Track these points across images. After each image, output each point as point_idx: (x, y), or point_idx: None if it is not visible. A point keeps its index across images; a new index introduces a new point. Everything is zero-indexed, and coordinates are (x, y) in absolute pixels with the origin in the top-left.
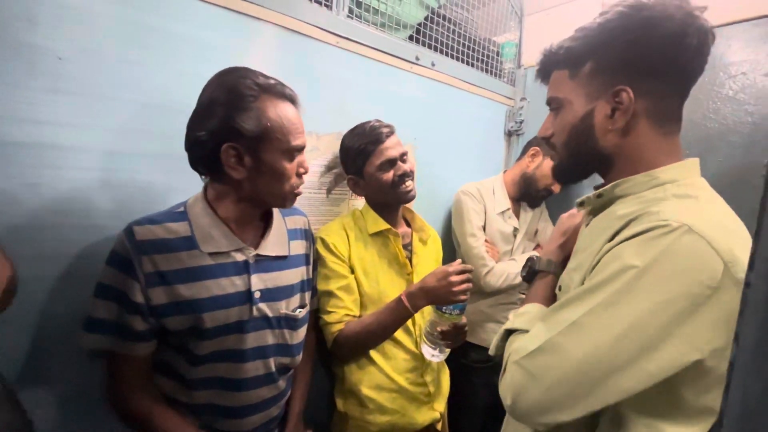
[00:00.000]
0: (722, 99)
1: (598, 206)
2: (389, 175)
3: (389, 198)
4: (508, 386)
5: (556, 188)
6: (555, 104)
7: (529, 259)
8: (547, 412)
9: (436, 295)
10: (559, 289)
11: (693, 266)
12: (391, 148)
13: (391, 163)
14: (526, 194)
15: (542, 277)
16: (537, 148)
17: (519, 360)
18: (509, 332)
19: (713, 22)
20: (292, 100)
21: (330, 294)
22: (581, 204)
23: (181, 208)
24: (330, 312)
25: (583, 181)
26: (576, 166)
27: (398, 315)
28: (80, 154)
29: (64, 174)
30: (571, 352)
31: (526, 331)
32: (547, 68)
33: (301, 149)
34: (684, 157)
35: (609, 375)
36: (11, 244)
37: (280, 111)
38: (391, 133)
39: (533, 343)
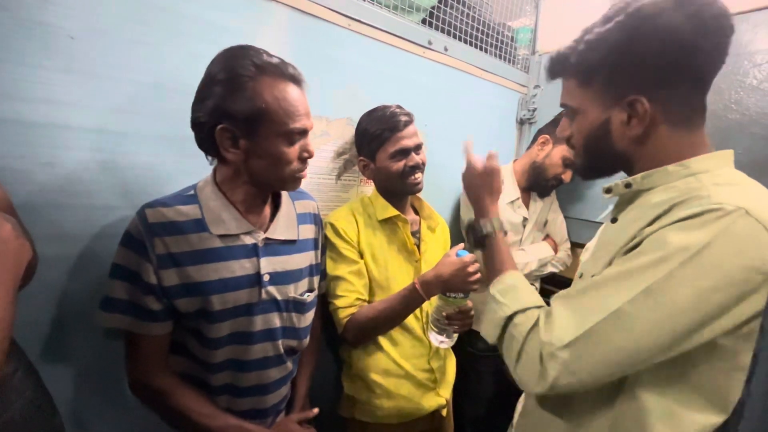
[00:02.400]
0: (746, 89)
1: (625, 198)
2: (400, 165)
3: (396, 187)
4: (540, 376)
5: (567, 177)
6: (571, 113)
7: (474, 225)
8: (580, 389)
9: (453, 284)
10: (580, 276)
11: (747, 251)
12: (407, 137)
13: (405, 152)
14: (536, 184)
15: (496, 238)
16: (547, 135)
17: (555, 351)
18: (511, 317)
19: (739, 8)
20: (294, 80)
21: (340, 279)
22: (608, 191)
23: (191, 191)
24: (340, 296)
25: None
26: (598, 166)
27: (411, 301)
28: (92, 135)
29: (77, 155)
30: (615, 342)
31: (531, 309)
32: (555, 75)
33: (302, 132)
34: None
35: (646, 355)
36: (28, 223)
37: (277, 92)
38: (410, 122)
39: (568, 332)
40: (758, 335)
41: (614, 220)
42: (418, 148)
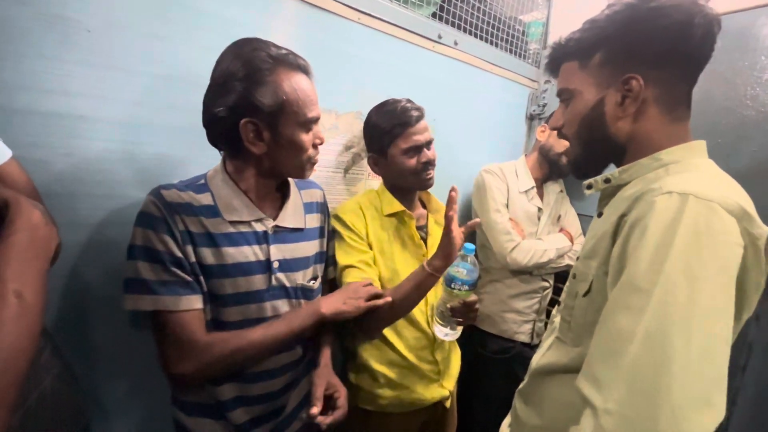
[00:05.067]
0: (762, 84)
1: (606, 192)
2: (413, 162)
3: (409, 183)
4: None
5: None
6: (565, 95)
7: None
8: None
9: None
10: (574, 277)
11: (716, 232)
12: (419, 133)
13: (418, 149)
14: (552, 165)
15: None
16: (544, 125)
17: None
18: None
19: (757, 1)
20: (305, 70)
21: (352, 267)
22: (589, 187)
23: (202, 181)
24: None
25: (587, 179)
26: (590, 156)
27: (421, 282)
28: (108, 126)
29: (94, 145)
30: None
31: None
32: (556, 61)
33: (316, 120)
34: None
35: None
36: (51, 211)
37: (294, 83)
38: (421, 117)
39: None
40: (753, 324)
41: (600, 215)
42: (429, 143)
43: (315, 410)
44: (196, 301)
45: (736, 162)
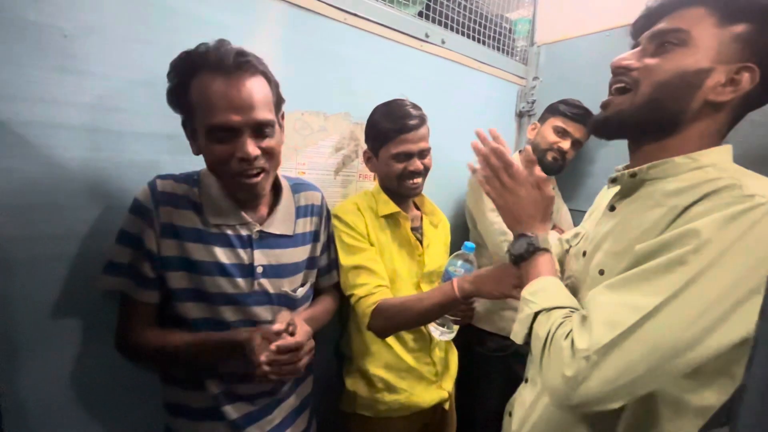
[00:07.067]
0: None
1: (627, 187)
2: (399, 167)
3: (393, 187)
4: (563, 379)
5: (565, 145)
6: (674, 39)
7: (522, 237)
8: (604, 401)
9: (490, 294)
10: (601, 273)
11: None
12: (411, 142)
13: (407, 156)
14: (540, 163)
15: (543, 255)
16: (536, 122)
17: (590, 355)
18: (537, 314)
19: None
20: (226, 68)
21: (358, 267)
22: (614, 180)
23: (197, 176)
24: (361, 285)
25: (611, 139)
26: (642, 115)
27: (444, 296)
28: (88, 134)
29: (73, 154)
30: (649, 343)
31: (558, 308)
32: None
33: (229, 129)
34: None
35: (675, 359)
36: (26, 223)
37: (204, 86)
38: (421, 124)
39: (602, 335)
40: (758, 320)
41: (612, 209)
42: (423, 153)
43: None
44: (145, 296)
45: None
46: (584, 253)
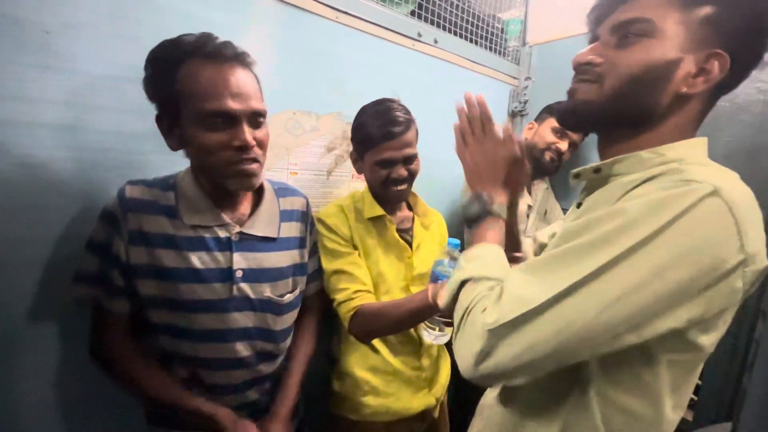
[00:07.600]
0: None
1: (593, 182)
2: (383, 174)
3: (377, 192)
4: (471, 352)
5: (563, 146)
6: (638, 30)
7: (477, 199)
8: (507, 376)
9: None
10: None
11: (712, 236)
12: (395, 149)
13: (392, 162)
14: (536, 162)
15: (493, 220)
16: (533, 122)
17: (497, 328)
18: (464, 282)
19: None
20: (219, 57)
21: (339, 272)
22: (577, 176)
23: (172, 180)
24: (341, 290)
25: (588, 134)
26: (610, 110)
27: (420, 302)
28: (69, 133)
29: (54, 153)
30: (559, 322)
31: (486, 279)
32: None
33: (225, 115)
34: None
35: (585, 341)
36: (4, 226)
37: (193, 72)
38: (407, 130)
39: (510, 311)
40: (759, 321)
41: (579, 205)
42: (408, 159)
43: None
44: (115, 305)
45: (712, 153)
46: None
